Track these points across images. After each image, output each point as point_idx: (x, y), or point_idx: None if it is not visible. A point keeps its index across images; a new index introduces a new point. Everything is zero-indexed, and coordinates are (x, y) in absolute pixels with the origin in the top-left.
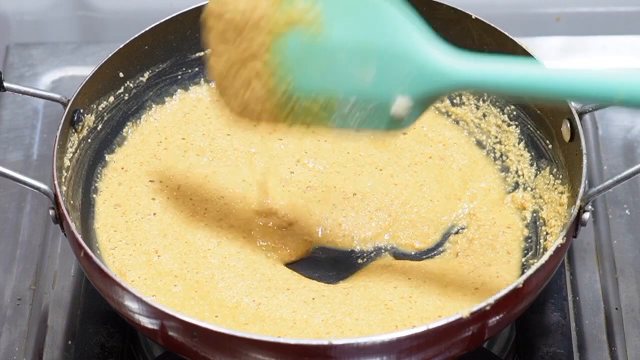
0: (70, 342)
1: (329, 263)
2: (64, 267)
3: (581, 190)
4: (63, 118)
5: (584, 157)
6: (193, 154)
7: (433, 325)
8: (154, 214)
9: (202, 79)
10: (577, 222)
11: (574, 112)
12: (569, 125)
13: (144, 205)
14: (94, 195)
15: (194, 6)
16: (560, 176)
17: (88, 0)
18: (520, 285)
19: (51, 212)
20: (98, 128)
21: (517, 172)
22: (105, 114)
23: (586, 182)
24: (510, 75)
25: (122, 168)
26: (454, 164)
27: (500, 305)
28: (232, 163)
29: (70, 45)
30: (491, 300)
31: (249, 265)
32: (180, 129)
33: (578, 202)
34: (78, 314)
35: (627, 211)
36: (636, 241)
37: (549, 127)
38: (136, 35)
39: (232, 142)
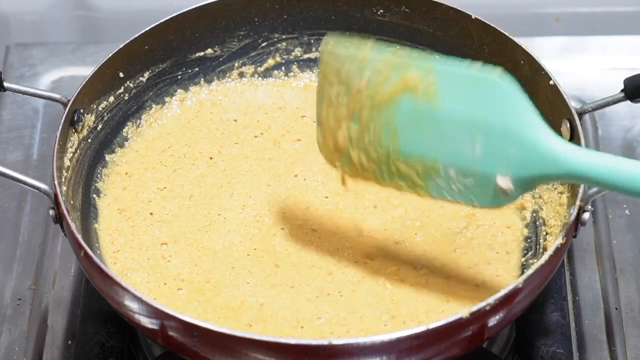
0: (70, 342)
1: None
2: (64, 267)
3: (581, 190)
4: (63, 118)
5: None
6: (202, 162)
7: (433, 325)
8: (165, 220)
9: (202, 79)
10: (577, 222)
11: (573, 112)
12: (568, 125)
13: (153, 211)
14: (95, 196)
15: (194, 6)
16: None
17: (88, 0)
18: (520, 285)
19: (51, 212)
20: (98, 128)
21: None
22: (105, 114)
23: None
24: (629, 173)
25: (126, 173)
26: None
27: (500, 305)
28: (247, 172)
29: (70, 45)
30: (491, 300)
31: (255, 263)
32: (185, 136)
33: (578, 202)
34: (78, 314)
35: (626, 211)
36: (636, 241)
37: None
38: (136, 35)
39: (242, 150)
